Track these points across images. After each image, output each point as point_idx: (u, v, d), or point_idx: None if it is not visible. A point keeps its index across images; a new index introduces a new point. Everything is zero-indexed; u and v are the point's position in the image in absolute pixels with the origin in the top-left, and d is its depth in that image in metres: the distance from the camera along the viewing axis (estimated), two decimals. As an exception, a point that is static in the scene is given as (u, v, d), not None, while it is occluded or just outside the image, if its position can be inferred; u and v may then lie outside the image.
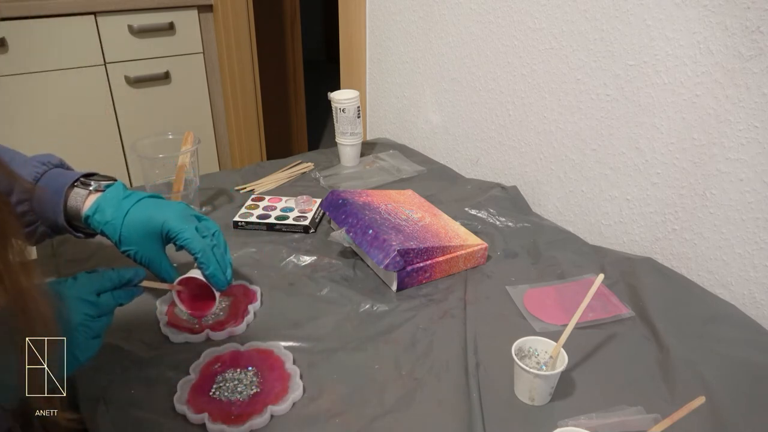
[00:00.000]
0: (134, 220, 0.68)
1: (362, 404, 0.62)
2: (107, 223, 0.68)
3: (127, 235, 0.68)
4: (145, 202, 0.70)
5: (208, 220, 0.72)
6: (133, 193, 0.71)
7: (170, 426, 0.59)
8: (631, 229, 0.93)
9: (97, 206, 0.69)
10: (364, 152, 1.28)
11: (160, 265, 0.70)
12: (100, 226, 0.69)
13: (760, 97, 0.72)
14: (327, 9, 4.52)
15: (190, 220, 0.69)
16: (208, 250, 0.68)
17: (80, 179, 0.71)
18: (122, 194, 0.70)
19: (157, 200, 0.71)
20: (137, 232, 0.68)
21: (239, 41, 2.03)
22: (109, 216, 0.68)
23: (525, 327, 0.75)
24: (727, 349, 0.70)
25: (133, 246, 0.69)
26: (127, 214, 0.68)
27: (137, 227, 0.68)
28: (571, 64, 0.94)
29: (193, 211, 0.72)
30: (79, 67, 1.75)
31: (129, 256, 0.69)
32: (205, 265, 0.68)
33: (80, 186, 0.70)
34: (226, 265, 0.70)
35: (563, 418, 0.59)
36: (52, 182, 0.70)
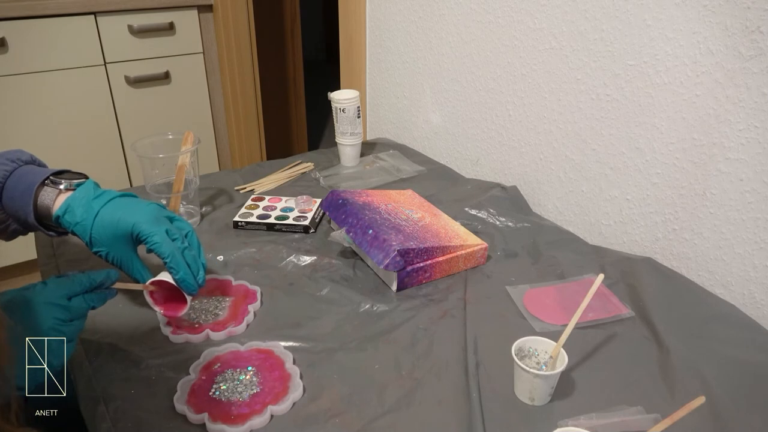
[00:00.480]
0: (104, 221, 0.66)
1: (362, 404, 0.62)
2: (77, 224, 0.67)
3: (98, 236, 0.67)
4: (116, 202, 0.68)
5: (181, 220, 0.72)
6: (104, 192, 0.69)
7: (170, 426, 0.59)
8: (631, 229, 0.93)
9: (67, 206, 0.67)
10: (364, 152, 1.28)
11: (132, 266, 0.70)
12: (71, 226, 0.67)
13: (760, 97, 0.72)
14: (327, 9, 4.52)
15: (161, 222, 0.68)
16: (177, 254, 0.67)
17: (50, 178, 0.69)
18: (92, 194, 0.68)
19: (129, 200, 0.69)
20: (107, 234, 0.67)
21: (239, 41, 2.03)
22: (79, 217, 0.67)
23: (525, 327, 0.75)
24: (727, 349, 0.70)
25: (103, 247, 0.68)
26: (97, 215, 0.67)
27: (107, 229, 0.66)
28: (571, 64, 0.94)
29: (166, 211, 0.71)
30: (79, 67, 1.75)
31: (101, 257, 0.69)
32: (174, 270, 0.67)
33: (50, 185, 0.69)
34: (198, 268, 0.69)
35: (563, 418, 0.59)
36: (22, 181, 0.68)
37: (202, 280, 0.69)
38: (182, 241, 0.69)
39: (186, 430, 0.59)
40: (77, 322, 0.58)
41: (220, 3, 1.93)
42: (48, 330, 0.55)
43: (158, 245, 0.66)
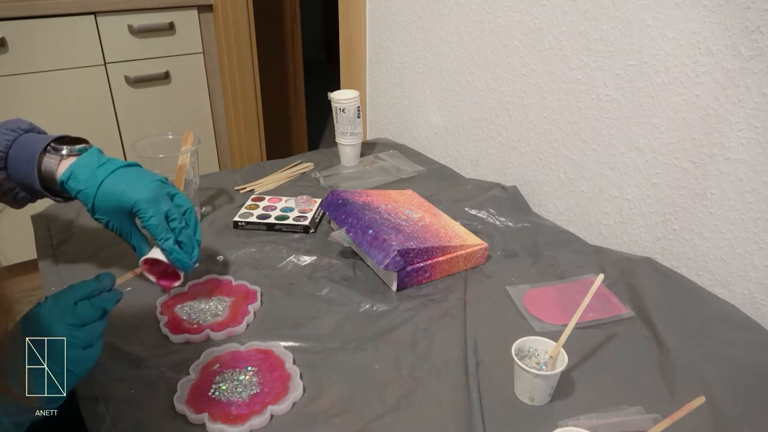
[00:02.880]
0: (107, 192, 0.69)
1: (362, 404, 0.62)
2: (80, 191, 0.69)
3: (100, 205, 0.69)
4: (120, 173, 0.70)
5: (181, 196, 0.73)
6: (109, 160, 0.71)
7: (170, 426, 0.59)
8: (631, 229, 0.93)
9: (71, 173, 0.69)
10: (364, 152, 1.28)
11: (131, 237, 0.73)
12: (74, 192, 0.70)
13: (760, 97, 0.72)
14: (327, 9, 4.52)
15: (161, 202, 0.70)
16: (170, 238, 0.70)
17: (51, 144, 0.71)
18: (96, 162, 0.70)
19: (133, 172, 0.71)
20: (110, 205, 0.69)
21: (239, 41, 2.03)
22: (83, 184, 0.69)
23: (525, 327, 0.75)
24: (727, 349, 0.70)
25: (105, 216, 0.71)
26: (101, 184, 0.69)
27: (110, 200, 0.69)
28: (571, 64, 0.94)
29: (168, 187, 0.73)
30: (79, 67, 1.75)
31: (101, 224, 0.72)
32: (167, 252, 0.70)
33: (52, 151, 0.71)
34: (193, 246, 0.72)
35: (563, 418, 0.59)
36: (25, 148, 0.70)
37: (196, 257, 0.73)
38: (180, 220, 0.71)
39: (186, 430, 0.59)
40: (92, 326, 0.57)
41: (220, 3, 1.93)
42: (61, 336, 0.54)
43: (153, 227, 0.69)
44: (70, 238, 0.92)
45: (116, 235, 0.73)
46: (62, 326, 0.54)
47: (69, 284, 0.77)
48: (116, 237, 0.92)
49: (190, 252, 0.72)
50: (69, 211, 0.99)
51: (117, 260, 0.87)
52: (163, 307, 0.76)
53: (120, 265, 0.86)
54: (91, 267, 0.86)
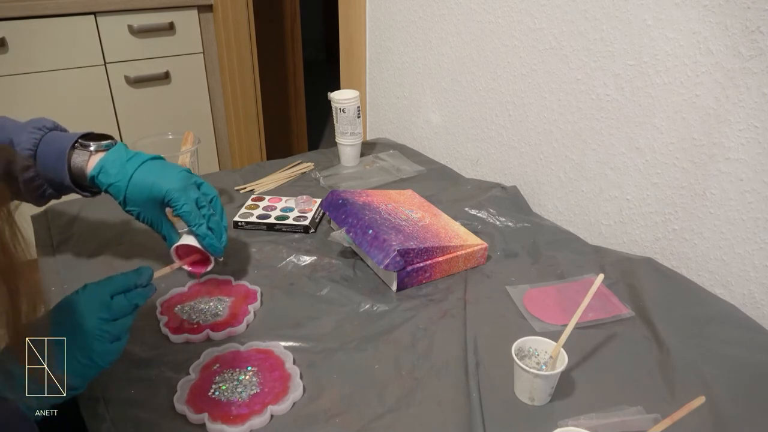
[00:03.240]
0: (138, 183, 0.72)
1: (362, 404, 0.62)
2: (111, 184, 0.72)
3: (131, 197, 0.73)
4: (149, 165, 0.73)
5: (207, 185, 0.77)
6: (136, 154, 0.74)
7: (170, 426, 0.59)
8: (631, 229, 0.93)
9: (101, 167, 0.72)
10: (364, 152, 1.28)
11: (161, 226, 0.77)
12: (104, 186, 0.73)
13: (760, 97, 0.72)
14: (327, 9, 4.52)
15: (191, 190, 0.74)
16: (203, 223, 0.73)
17: (79, 141, 0.74)
18: (125, 156, 0.73)
19: (160, 164, 0.74)
20: (141, 196, 0.72)
21: (239, 41, 2.03)
22: (113, 178, 0.72)
23: (525, 327, 0.75)
24: (727, 349, 0.70)
25: (136, 207, 0.74)
26: (131, 177, 0.72)
27: (141, 191, 0.72)
28: (571, 64, 0.94)
29: (194, 177, 0.76)
30: (79, 67, 1.75)
31: (132, 215, 0.75)
32: (201, 237, 0.74)
33: (80, 148, 0.74)
34: (221, 232, 0.76)
35: (563, 418, 0.59)
36: (52, 146, 0.72)
37: (224, 242, 0.76)
38: (208, 207, 0.75)
39: (186, 430, 0.59)
40: (122, 320, 0.58)
41: (220, 3, 1.93)
42: (92, 329, 0.55)
43: (187, 214, 0.72)
44: (70, 238, 0.92)
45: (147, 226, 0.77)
46: (94, 320, 0.56)
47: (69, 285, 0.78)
48: (116, 237, 0.92)
49: (219, 237, 0.75)
50: (69, 210, 0.99)
51: (117, 260, 0.87)
52: (163, 307, 0.76)
53: (120, 265, 0.86)
54: (91, 267, 0.86)
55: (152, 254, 0.88)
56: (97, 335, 0.55)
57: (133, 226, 0.96)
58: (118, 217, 0.98)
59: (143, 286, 0.63)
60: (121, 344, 0.58)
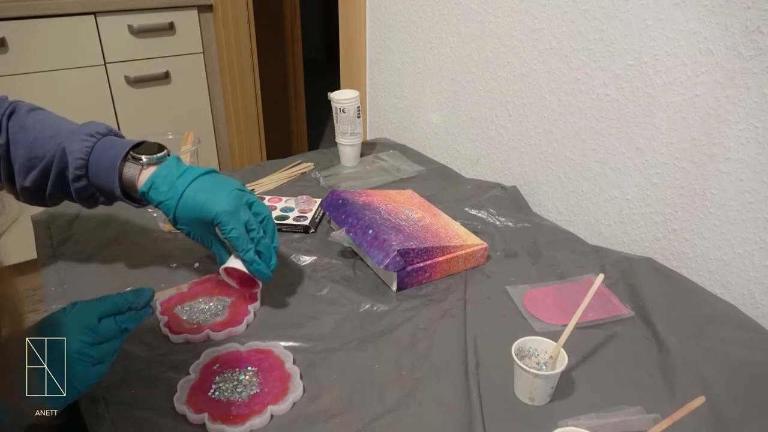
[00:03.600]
0: (188, 203, 0.69)
1: (362, 404, 0.62)
2: (162, 202, 0.70)
3: (181, 216, 0.71)
4: (200, 183, 0.70)
5: (259, 204, 0.73)
6: (188, 169, 0.71)
7: (170, 426, 0.59)
8: (631, 229, 0.93)
9: (151, 183, 0.70)
10: (364, 152, 1.28)
11: (211, 246, 0.75)
12: (155, 203, 0.71)
13: (760, 97, 0.72)
14: (327, 9, 4.52)
15: (241, 212, 0.70)
16: (251, 248, 0.70)
17: (131, 153, 0.72)
18: (176, 172, 0.71)
19: (212, 182, 0.71)
20: (191, 216, 0.70)
21: (239, 41, 2.03)
22: (164, 195, 0.70)
23: (525, 327, 0.75)
24: (727, 349, 0.70)
25: (186, 226, 0.72)
26: (181, 196, 0.69)
27: (191, 211, 0.70)
28: (571, 64, 0.94)
29: (247, 195, 0.73)
30: (79, 67, 1.75)
31: (182, 232, 0.74)
32: (248, 262, 0.71)
33: (132, 160, 0.72)
34: (270, 255, 0.72)
35: (563, 418, 0.59)
36: (104, 156, 0.71)
37: (274, 265, 0.73)
38: (258, 231, 0.71)
39: (186, 430, 0.59)
40: (108, 344, 0.56)
41: (220, 3, 1.93)
42: (73, 353, 0.53)
43: (235, 239, 0.69)
44: (70, 238, 0.92)
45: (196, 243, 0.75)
46: (76, 342, 0.53)
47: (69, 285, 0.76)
48: (116, 237, 0.92)
49: (268, 261, 0.72)
50: (69, 211, 0.99)
51: (117, 260, 0.87)
52: (163, 307, 0.76)
53: (120, 265, 0.86)
54: (91, 267, 0.85)
55: (152, 254, 0.88)
56: (77, 358, 0.53)
57: (133, 226, 0.96)
58: (118, 218, 0.98)
59: (138, 308, 0.60)
60: (104, 368, 0.56)
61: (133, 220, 0.97)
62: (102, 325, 0.56)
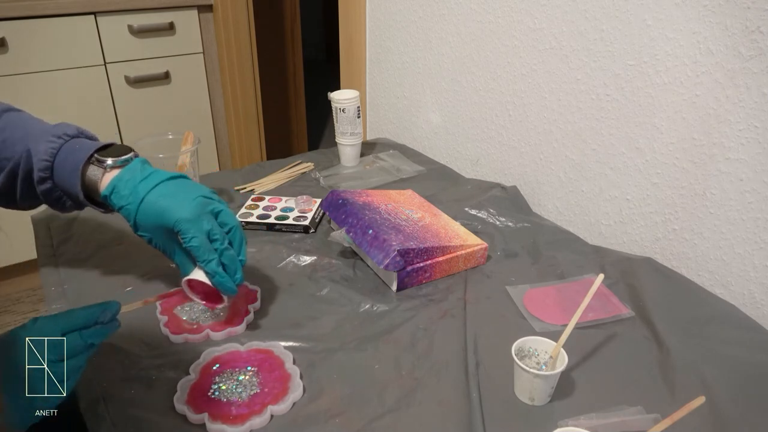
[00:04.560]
0: (148, 210, 0.66)
1: (362, 404, 0.62)
2: (122, 207, 0.67)
3: (142, 223, 0.67)
4: (162, 188, 0.67)
5: (226, 213, 0.69)
6: (152, 173, 0.68)
7: (170, 426, 0.59)
8: (631, 229, 0.93)
9: (113, 187, 0.67)
10: (364, 152, 1.28)
11: (174, 256, 0.70)
12: (116, 207, 0.68)
13: (760, 97, 0.72)
14: (327, 9, 4.52)
15: (204, 221, 0.66)
16: (213, 259, 0.66)
17: (95, 155, 0.69)
18: (139, 176, 0.67)
19: (175, 187, 0.67)
20: (151, 222, 0.66)
21: (239, 41, 2.03)
22: (125, 200, 0.66)
23: (525, 327, 0.75)
24: (727, 349, 0.70)
25: (147, 233, 0.68)
26: (142, 201, 0.66)
27: (151, 217, 0.66)
28: (571, 64, 0.94)
29: (213, 203, 0.68)
30: (79, 67, 1.75)
31: (144, 239, 0.69)
32: (210, 275, 0.67)
33: (96, 163, 0.68)
34: (236, 269, 0.68)
35: (563, 418, 0.59)
36: (69, 158, 0.68)
37: (239, 279, 0.68)
38: (222, 241, 0.67)
39: (186, 430, 0.59)
40: (72, 361, 0.53)
41: (220, 3, 1.93)
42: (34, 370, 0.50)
43: (195, 249, 0.65)
44: (70, 238, 0.92)
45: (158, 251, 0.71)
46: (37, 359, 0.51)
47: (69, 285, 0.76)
48: (116, 237, 0.92)
49: (233, 274, 0.68)
50: (69, 211, 0.99)
51: (117, 260, 0.87)
52: (163, 307, 0.76)
53: (120, 265, 0.86)
54: (91, 267, 0.85)
55: (152, 254, 0.87)
56: (38, 376, 0.50)
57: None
58: (118, 218, 0.97)
59: (104, 323, 0.57)
60: (69, 384, 0.52)
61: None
62: (67, 340, 0.53)
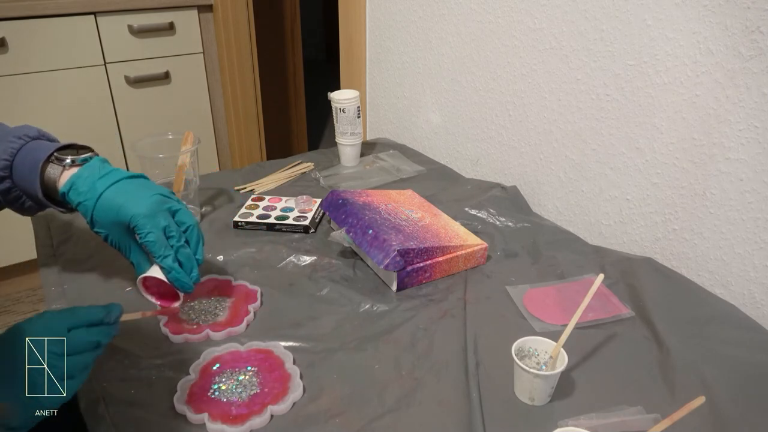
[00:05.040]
0: (105, 205, 0.66)
1: (362, 404, 0.62)
2: (80, 203, 0.67)
3: (98, 218, 0.67)
4: (120, 186, 0.67)
5: (184, 213, 0.70)
6: (111, 171, 0.69)
7: (170, 426, 0.59)
8: (631, 229, 0.93)
9: (71, 184, 0.67)
10: (364, 152, 1.28)
11: (129, 253, 0.70)
12: (74, 204, 0.68)
13: (760, 97, 0.72)
14: (327, 9, 4.52)
15: (160, 217, 0.67)
16: (169, 255, 0.67)
17: (55, 154, 0.69)
18: (98, 173, 0.68)
19: (133, 185, 0.68)
20: (108, 218, 0.67)
21: (239, 41, 2.03)
22: (82, 196, 0.67)
23: (525, 327, 0.75)
24: (727, 349, 0.70)
25: (103, 229, 0.69)
26: (100, 197, 0.66)
27: (108, 213, 0.67)
28: (571, 64, 0.94)
29: (170, 202, 0.69)
30: (79, 67, 1.75)
31: (101, 237, 0.70)
32: (165, 270, 0.67)
33: (55, 161, 0.69)
34: (192, 267, 0.69)
35: (563, 418, 0.59)
36: (29, 157, 0.68)
37: (195, 278, 0.69)
38: (179, 238, 0.68)
39: (186, 430, 0.59)
40: (78, 357, 0.52)
41: (220, 3, 1.93)
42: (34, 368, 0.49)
43: (151, 244, 0.66)
44: (70, 238, 0.92)
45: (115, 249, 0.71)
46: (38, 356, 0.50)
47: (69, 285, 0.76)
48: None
49: (189, 272, 0.69)
50: (69, 211, 0.99)
51: (117, 260, 0.87)
52: (164, 308, 0.76)
53: (120, 265, 0.86)
54: (91, 267, 0.85)
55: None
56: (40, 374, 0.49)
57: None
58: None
59: (110, 323, 0.57)
60: (74, 384, 0.51)
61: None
62: (71, 336, 0.53)
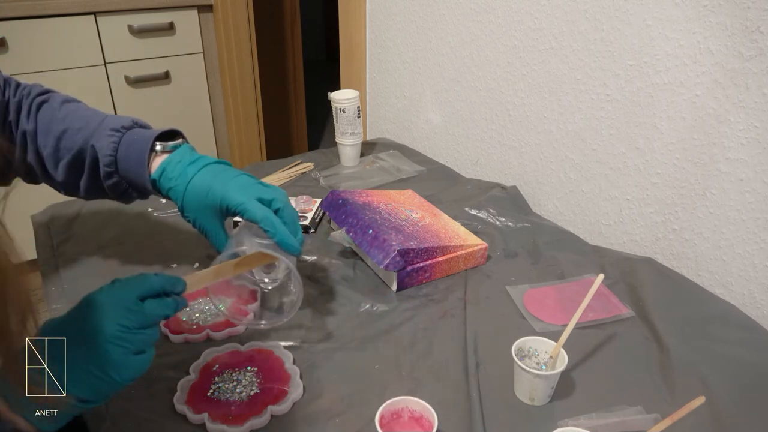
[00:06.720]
0: (195, 189, 0.66)
1: (362, 404, 0.62)
2: (171, 188, 0.68)
3: (188, 203, 0.67)
4: (210, 169, 0.68)
5: (273, 188, 0.69)
6: (200, 157, 0.69)
7: (170, 426, 0.59)
8: (631, 229, 0.93)
9: (162, 170, 0.68)
10: (364, 152, 1.28)
11: (216, 237, 0.69)
12: (165, 190, 0.68)
13: (760, 97, 0.72)
14: (327, 9, 4.52)
15: (251, 191, 0.66)
16: (271, 216, 0.64)
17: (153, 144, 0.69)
18: (188, 158, 0.68)
19: (221, 169, 0.69)
20: (197, 202, 0.67)
21: (239, 41, 2.03)
22: (173, 182, 0.67)
23: (525, 327, 0.75)
24: (727, 349, 0.70)
25: (191, 213, 0.68)
26: (190, 181, 0.67)
27: (197, 197, 0.67)
28: (571, 64, 0.94)
29: (257, 181, 0.69)
30: (79, 67, 1.75)
31: (189, 222, 0.69)
32: (271, 232, 0.64)
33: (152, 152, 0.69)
34: (297, 229, 0.66)
35: (563, 418, 0.59)
36: (130, 149, 0.69)
37: (301, 238, 0.67)
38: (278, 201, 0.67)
39: (186, 430, 0.59)
40: (149, 331, 0.50)
41: (220, 3, 1.93)
42: (110, 337, 0.47)
43: (249, 211, 0.64)
44: (70, 238, 0.92)
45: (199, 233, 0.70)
46: (114, 325, 0.48)
47: (69, 285, 0.75)
48: (116, 237, 0.92)
49: (295, 233, 0.65)
50: (69, 210, 0.99)
51: (117, 260, 0.87)
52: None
53: (120, 265, 0.86)
54: (91, 267, 0.85)
55: (152, 254, 0.88)
56: (114, 344, 0.47)
57: (133, 226, 0.96)
58: (118, 218, 0.98)
59: (177, 293, 0.55)
60: (146, 359, 0.50)
61: (133, 221, 0.97)
62: (145, 307, 0.51)
